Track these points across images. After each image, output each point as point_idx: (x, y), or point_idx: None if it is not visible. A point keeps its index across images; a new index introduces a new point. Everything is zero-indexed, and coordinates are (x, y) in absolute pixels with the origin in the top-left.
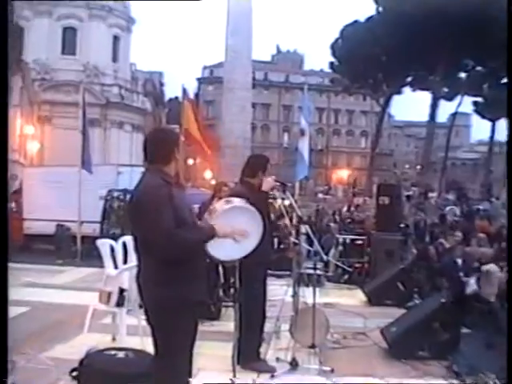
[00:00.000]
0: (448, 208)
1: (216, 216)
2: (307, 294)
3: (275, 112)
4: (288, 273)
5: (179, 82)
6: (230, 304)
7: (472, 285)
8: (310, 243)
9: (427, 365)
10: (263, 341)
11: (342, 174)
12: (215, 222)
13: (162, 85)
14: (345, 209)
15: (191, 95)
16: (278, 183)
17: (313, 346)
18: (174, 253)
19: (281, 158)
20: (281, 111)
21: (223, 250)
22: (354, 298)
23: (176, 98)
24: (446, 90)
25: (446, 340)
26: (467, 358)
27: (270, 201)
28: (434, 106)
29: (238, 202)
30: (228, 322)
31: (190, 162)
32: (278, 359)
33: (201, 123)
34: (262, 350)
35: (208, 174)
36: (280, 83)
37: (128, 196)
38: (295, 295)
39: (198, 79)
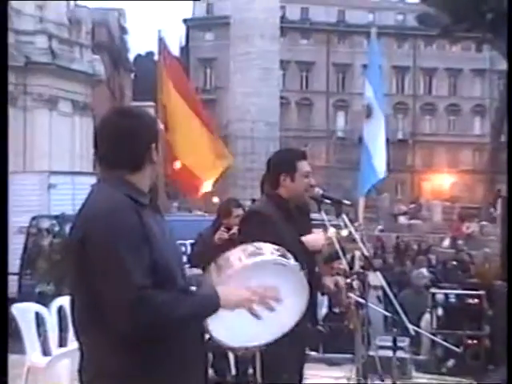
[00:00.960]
0: None
1: (229, 276)
2: None
3: (322, 76)
4: (349, 356)
5: (153, 26)
6: None
7: None
8: (386, 304)
9: None
10: None
11: (441, 181)
12: (227, 285)
13: (123, 32)
14: (446, 242)
15: (174, 49)
16: (326, 200)
17: None
18: (147, 330)
19: (332, 156)
20: (332, 75)
21: (234, 328)
22: None
23: (148, 54)
24: None
25: None
26: None
27: (316, 230)
28: None
29: (270, 251)
30: None
31: (178, 164)
32: None
33: (193, 98)
34: None
35: (207, 186)
36: (330, 25)
37: (67, 226)
38: None
39: (186, 21)
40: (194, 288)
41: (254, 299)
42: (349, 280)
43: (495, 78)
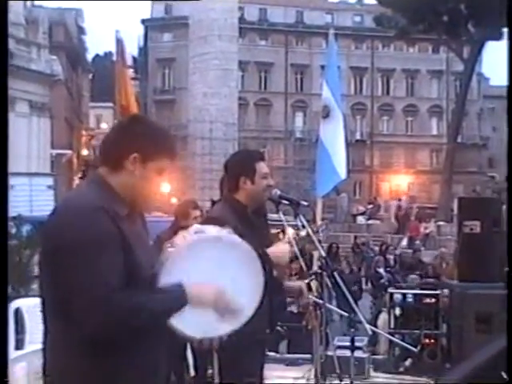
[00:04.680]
0: None
1: (172, 257)
2: None
3: (280, 77)
4: (307, 356)
5: (111, 26)
6: None
7: None
8: (344, 305)
9: None
10: None
11: (399, 180)
12: (172, 267)
13: (81, 32)
14: (404, 242)
15: (133, 50)
16: (284, 201)
17: None
18: (117, 329)
19: (290, 157)
20: (290, 75)
21: (197, 320)
22: None
23: (106, 54)
24: None
25: None
26: None
27: (274, 231)
28: None
29: (211, 231)
30: None
31: None
32: None
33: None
34: None
35: (166, 188)
36: (288, 26)
37: (24, 227)
38: None
39: (144, 22)
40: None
41: (219, 299)
42: (307, 281)
43: (452, 79)
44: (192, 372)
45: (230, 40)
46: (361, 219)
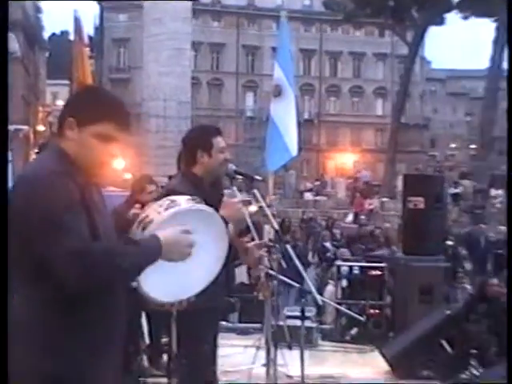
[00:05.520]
0: None
1: (151, 231)
2: (290, 362)
3: (232, 58)
4: (258, 326)
5: (67, 5)
6: (163, 381)
7: None
8: (295, 276)
9: None
10: None
11: (345, 159)
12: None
13: (38, 10)
14: (349, 217)
15: (89, 29)
16: (239, 175)
17: None
18: (98, 279)
19: (241, 135)
20: (241, 56)
21: (165, 282)
22: (369, 365)
23: (63, 33)
24: None
25: None
26: None
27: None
28: (498, 44)
29: (185, 200)
30: None
31: None
32: None
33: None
34: None
35: (120, 164)
36: (240, 8)
37: None
38: (270, 363)
39: (100, 2)
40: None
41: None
42: (261, 252)
43: (396, 62)
44: (147, 340)
45: (183, 21)
46: (308, 195)
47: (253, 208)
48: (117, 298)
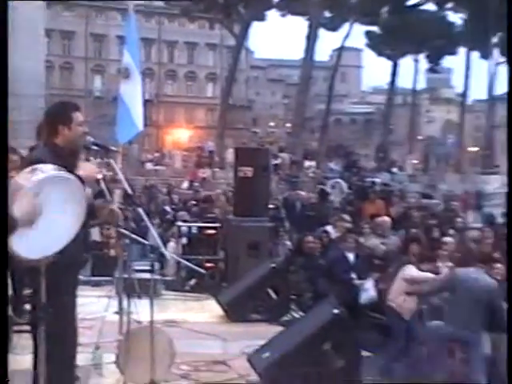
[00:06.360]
0: (332, 182)
1: (21, 196)
2: (139, 309)
3: (81, 44)
4: (109, 279)
5: None
6: (25, 328)
7: (368, 290)
8: (142, 235)
9: None
10: (77, 380)
11: (181, 134)
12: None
13: None
14: (185, 184)
15: None
16: (96, 146)
17: None
18: None
19: (90, 113)
20: (90, 43)
21: (32, 241)
22: (206, 311)
23: None
24: (328, 14)
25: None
26: None
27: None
28: (311, 38)
29: (48, 168)
30: (23, 356)
31: None
32: None
33: None
34: None
35: None
36: (89, 0)
37: None
38: (121, 311)
39: None
40: None
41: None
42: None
43: (225, 52)
44: (9, 291)
45: (36, 9)
46: (149, 165)
47: (104, 173)
48: None
